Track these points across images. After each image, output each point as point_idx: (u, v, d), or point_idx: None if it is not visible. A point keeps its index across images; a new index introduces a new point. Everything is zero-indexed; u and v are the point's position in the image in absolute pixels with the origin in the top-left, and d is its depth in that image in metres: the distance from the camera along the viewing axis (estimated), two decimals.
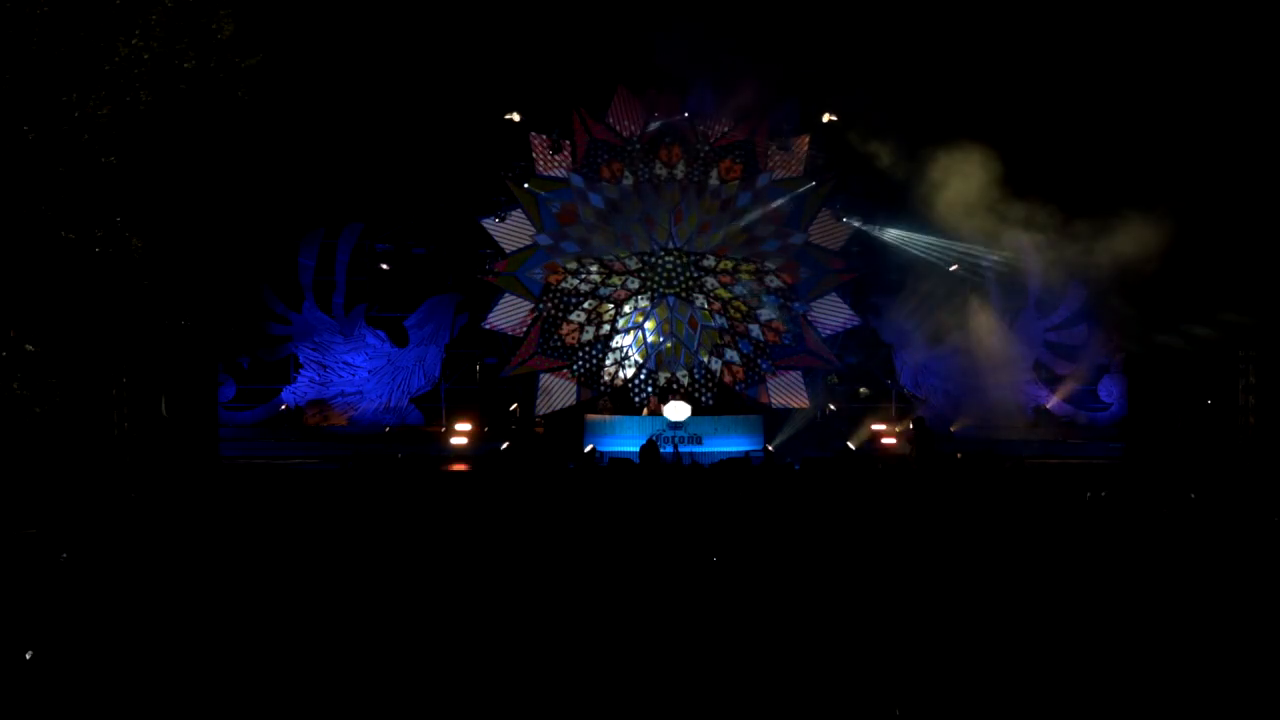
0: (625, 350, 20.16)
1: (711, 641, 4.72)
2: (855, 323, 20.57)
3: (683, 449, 17.06)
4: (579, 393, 20.02)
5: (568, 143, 19.97)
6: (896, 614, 5.11)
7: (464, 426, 19.17)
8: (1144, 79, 15.93)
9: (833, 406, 21.29)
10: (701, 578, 5.80)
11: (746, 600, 5.36)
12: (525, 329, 19.97)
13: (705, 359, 20.28)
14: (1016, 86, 17.39)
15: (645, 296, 20.27)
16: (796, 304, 20.46)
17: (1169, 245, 15.59)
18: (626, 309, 20.25)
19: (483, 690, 4.33)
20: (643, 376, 20.07)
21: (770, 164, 20.31)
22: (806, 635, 4.83)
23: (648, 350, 20.15)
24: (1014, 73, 17.22)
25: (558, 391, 20.03)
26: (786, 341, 20.44)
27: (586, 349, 20.13)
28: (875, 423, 19.95)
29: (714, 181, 20.26)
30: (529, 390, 20.12)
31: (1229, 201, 15.21)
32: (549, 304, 20.07)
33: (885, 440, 19.26)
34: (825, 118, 20.01)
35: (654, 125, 20.05)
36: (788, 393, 20.43)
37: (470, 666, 4.47)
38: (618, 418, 18.77)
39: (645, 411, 19.29)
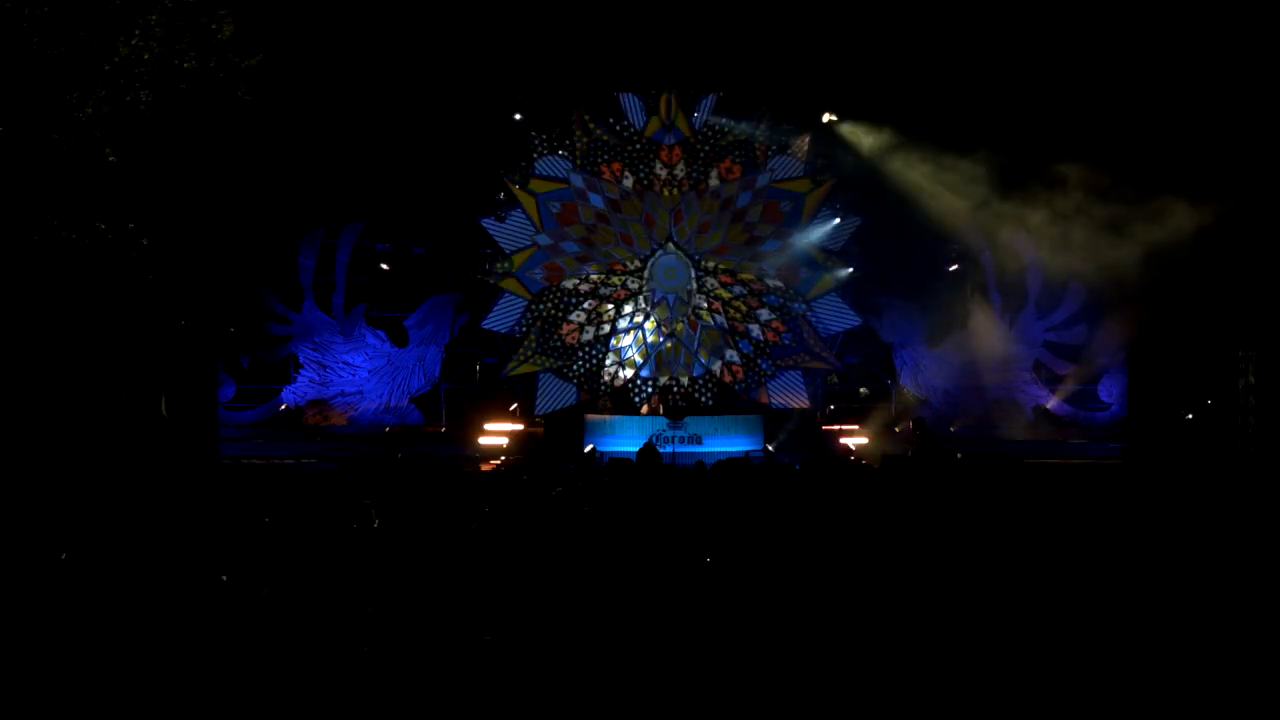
0: (625, 350, 20.16)
1: (709, 641, 4.73)
2: (855, 323, 20.57)
3: (679, 449, 17.06)
4: (579, 393, 20.03)
5: (568, 142, 19.99)
6: (896, 613, 5.11)
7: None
8: (1147, 77, 15.94)
9: (832, 407, 21.32)
10: (698, 578, 5.80)
11: (744, 600, 5.36)
12: (524, 329, 19.97)
13: (704, 359, 20.28)
14: (1017, 83, 17.40)
15: (645, 296, 20.27)
16: (796, 304, 20.47)
17: (1172, 244, 15.61)
18: (626, 309, 20.25)
19: (480, 689, 4.33)
20: (643, 377, 20.08)
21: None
22: (805, 635, 4.84)
23: (648, 350, 20.15)
24: (1017, 70, 17.23)
25: (557, 391, 20.05)
26: (786, 341, 20.45)
27: (586, 349, 20.13)
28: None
29: (714, 181, 20.27)
30: (529, 390, 20.12)
31: (1230, 201, 15.22)
32: (549, 304, 20.07)
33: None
34: (825, 117, 20.03)
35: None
36: (788, 393, 20.44)
37: (467, 665, 4.47)
38: (618, 418, 18.77)
39: (645, 410, 19.29)
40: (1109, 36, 16.19)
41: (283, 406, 20.14)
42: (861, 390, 21.83)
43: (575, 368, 20.08)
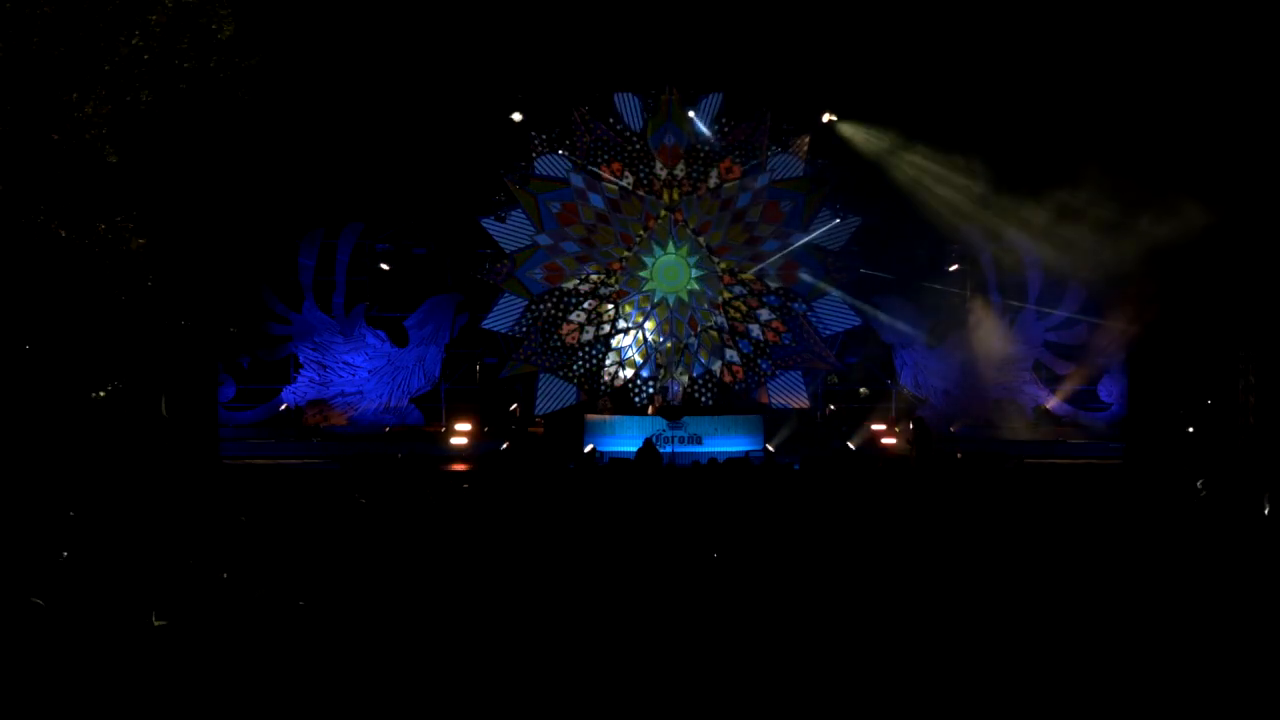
0: (625, 350, 20.16)
1: (712, 639, 4.73)
2: (855, 323, 20.59)
3: (678, 449, 17.05)
4: (579, 393, 20.04)
5: (568, 142, 19.99)
6: (897, 613, 5.11)
7: (463, 426, 19.18)
8: (1149, 76, 15.92)
9: (832, 406, 21.32)
10: (700, 576, 5.80)
11: (745, 599, 5.36)
12: (525, 329, 19.97)
13: (704, 359, 20.29)
14: (1018, 83, 17.39)
15: (645, 296, 20.27)
16: (796, 304, 20.48)
17: (1172, 244, 15.61)
18: (626, 309, 20.26)
19: (483, 689, 4.33)
20: (644, 377, 20.08)
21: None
22: (806, 634, 4.84)
23: (648, 350, 20.15)
24: (1017, 69, 17.22)
25: (557, 391, 20.05)
26: (786, 341, 20.45)
27: (586, 349, 20.14)
28: (875, 423, 20.04)
29: (714, 181, 20.27)
30: (529, 390, 20.12)
31: (1230, 201, 15.21)
32: (549, 304, 20.07)
33: (885, 440, 19.32)
34: (825, 118, 20.04)
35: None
36: (788, 393, 20.44)
37: (470, 665, 4.47)
38: (618, 418, 18.77)
39: (651, 410, 19.25)
40: (1108, 36, 16.18)
41: (283, 406, 20.14)
42: (861, 390, 21.84)
43: (575, 368, 20.08)
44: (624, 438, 17.92)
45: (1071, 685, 4.34)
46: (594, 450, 16.65)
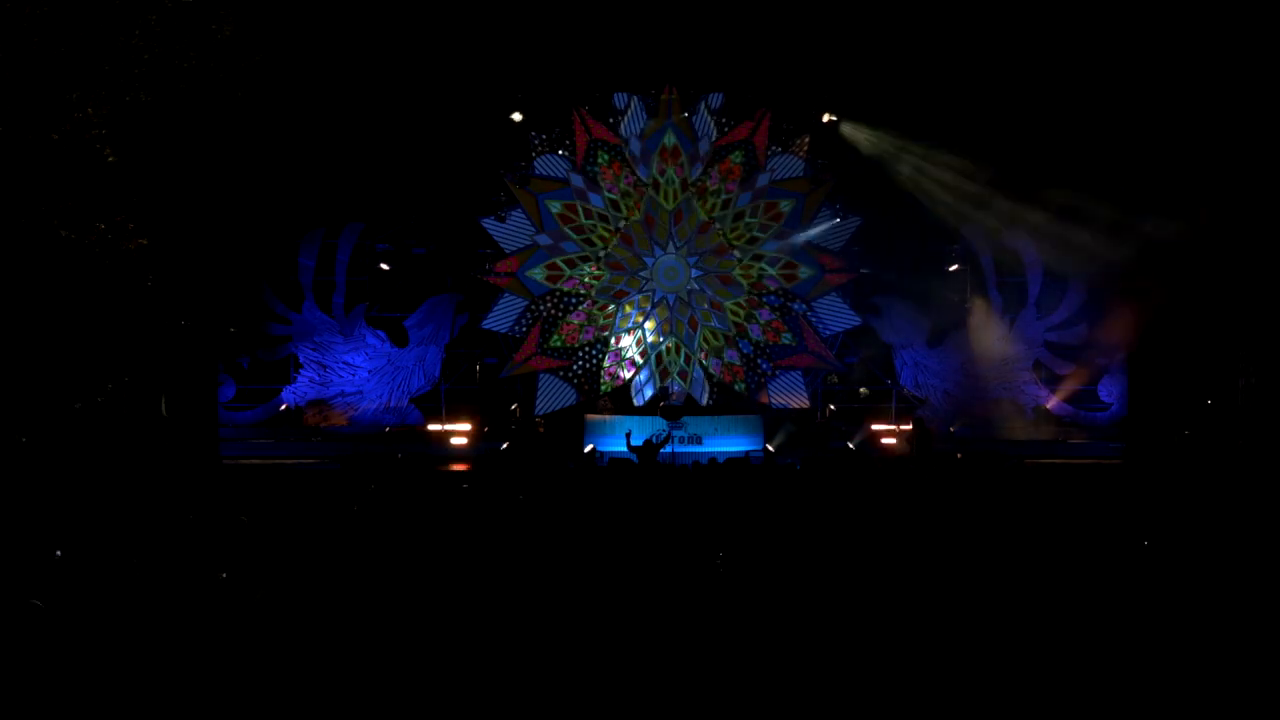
0: (625, 350, 20.15)
1: (714, 640, 4.73)
2: (855, 323, 20.58)
3: (679, 449, 17.05)
4: (579, 393, 20.03)
5: (568, 142, 19.98)
6: (898, 613, 5.11)
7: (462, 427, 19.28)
8: (1149, 75, 15.93)
9: (832, 407, 21.32)
10: (703, 576, 5.80)
11: (746, 600, 5.36)
12: (525, 329, 19.97)
13: (705, 360, 20.28)
14: (1019, 82, 17.39)
15: (645, 296, 20.27)
16: (796, 304, 20.47)
17: (1173, 244, 15.62)
18: (627, 309, 20.25)
19: (485, 691, 4.33)
20: (644, 377, 20.07)
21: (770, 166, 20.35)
22: (809, 635, 4.84)
23: (648, 350, 20.14)
24: (1018, 68, 17.21)
25: (557, 391, 20.04)
26: (786, 341, 20.44)
27: (586, 349, 20.14)
28: (875, 422, 20.08)
29: (714, 182, 20.26)
30: (529, 390, 20.12)
31: (1231, 201, 15.22)
32: (549, 304, 20.07)
33: (885, 440, 19.36)
34: (825, 118, 20.04)
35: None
36: (788, 393, 20.44)
37: (472, 667, 4.47)
38: (618, 418, 18.77)
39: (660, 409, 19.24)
40: (1111, 35, 16.19)
41: (283, 406, 20.13)
42: (861, 390, 21.83)
43: (575, 368, 20.08)
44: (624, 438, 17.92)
45: (1072, 685, 4.34)
46: (594, 450, 16.66)
